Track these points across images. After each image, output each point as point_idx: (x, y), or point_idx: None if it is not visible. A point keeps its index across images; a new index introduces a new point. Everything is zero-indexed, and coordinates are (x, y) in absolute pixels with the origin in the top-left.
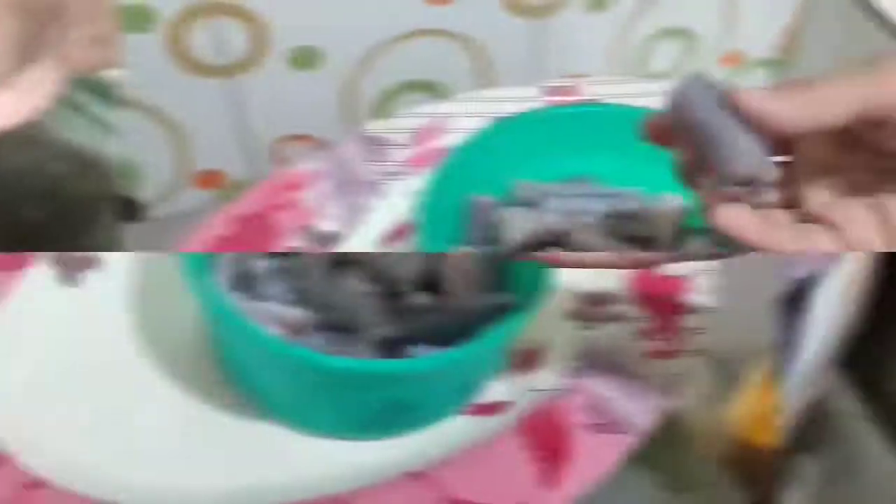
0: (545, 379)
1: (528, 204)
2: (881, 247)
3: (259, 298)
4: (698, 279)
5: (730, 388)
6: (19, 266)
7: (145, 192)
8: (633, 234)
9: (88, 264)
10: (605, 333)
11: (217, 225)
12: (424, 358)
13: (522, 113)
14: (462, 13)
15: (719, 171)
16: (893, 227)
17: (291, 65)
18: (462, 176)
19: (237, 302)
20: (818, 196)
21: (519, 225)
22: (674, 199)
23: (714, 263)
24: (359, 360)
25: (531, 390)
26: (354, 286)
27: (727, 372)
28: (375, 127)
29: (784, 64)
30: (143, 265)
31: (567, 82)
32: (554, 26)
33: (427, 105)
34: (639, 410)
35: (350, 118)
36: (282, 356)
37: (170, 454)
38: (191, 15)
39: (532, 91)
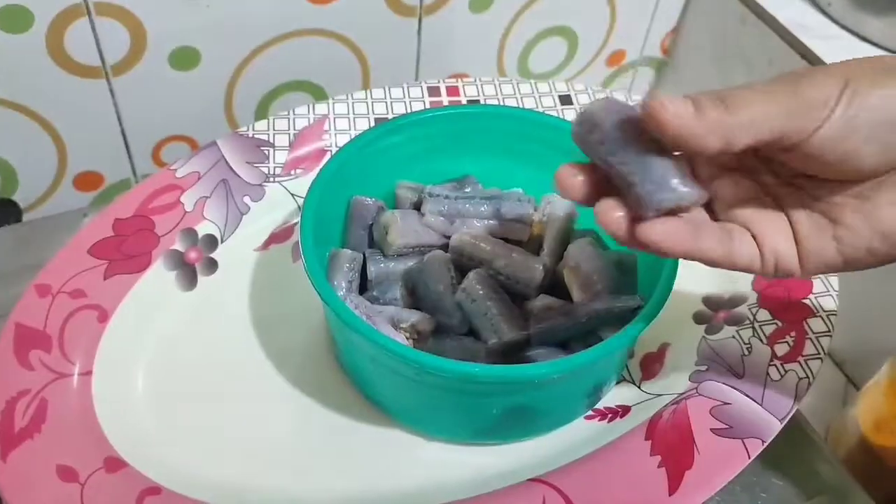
0: (669, 383)
1: (411, 205)
2: (793, 263)
3: (378, 301)
4: (825, 281)
5: (854, 390)
6: (138, 269)
7: (22, 193)
8: (516, 237)
9: (207, 267)
10: (730, 336)
11: (94, 228)
12: (549, 364)
13: (405, 115)
14: (345, 13)
15: (637, 206)
16: (799, 238)
17: (171, 65)
18: (344, 177)
19: (356, 304)
20: (725, 196)
21: (401, 227)
22: (560, 201)
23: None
24: (482, 367)
25: (655, 395)
26: (475, 290)
27: (851, 374)
28: (256, 128)
29: (667, 64)
30: (261, 265)
31: (450, 83)
32: (436, 26)
33: (309, 106)
34: (765, 415)
35: (230, 119)
36: (404, 361)
37: (289, 459)
38: (69, 15)
39: (415, 91)
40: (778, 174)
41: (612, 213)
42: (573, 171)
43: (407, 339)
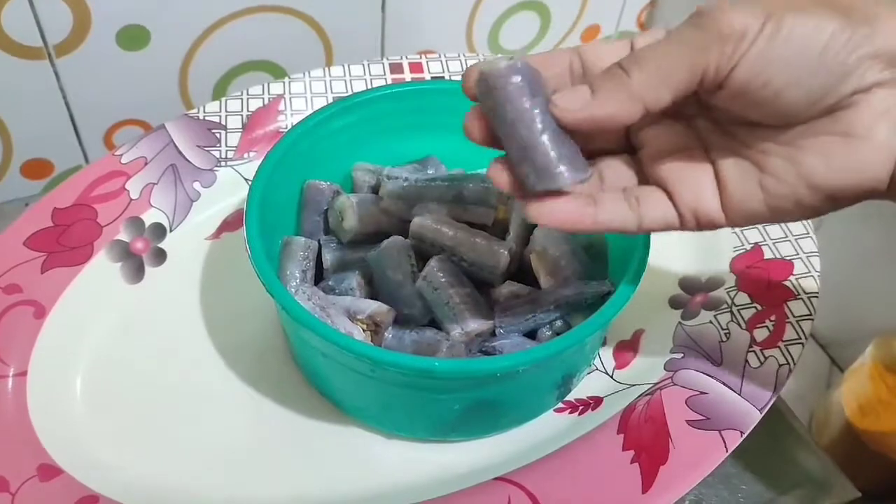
0: (643, 372)
1: (369, 189)
2: (716, 214)
3: (333, 291)
4: (806, 262)
5: (839, 372)
6: (79, 261)
7: None
8: (480, 220)
9: (155, 257)
10: (707, 322)
11: (31, 218)
12: (514, 356)
13: (361, 91)
14: None
15: (523, 181)
16: (723, 186)
17: (119, 45)
18: (295, 160)
19: (309, 295)
20: (654, 144)
21: (357, 212)
22: None
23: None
24: (440, 361)
25: (629, 384)
26: (436, 278)
27: (836, 356)
28: (207, 109)
29: None
30: (213, 255)
31: (412, 59)
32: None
33: (263, 85)
34: (743, 405)
35: (186, 101)
36: (356, 357)
37: (242, 462)
38: None
39: (376, 69)
40: (714, 120)
41: (502, 177)
42: (475, 116)
43: (364, 331)
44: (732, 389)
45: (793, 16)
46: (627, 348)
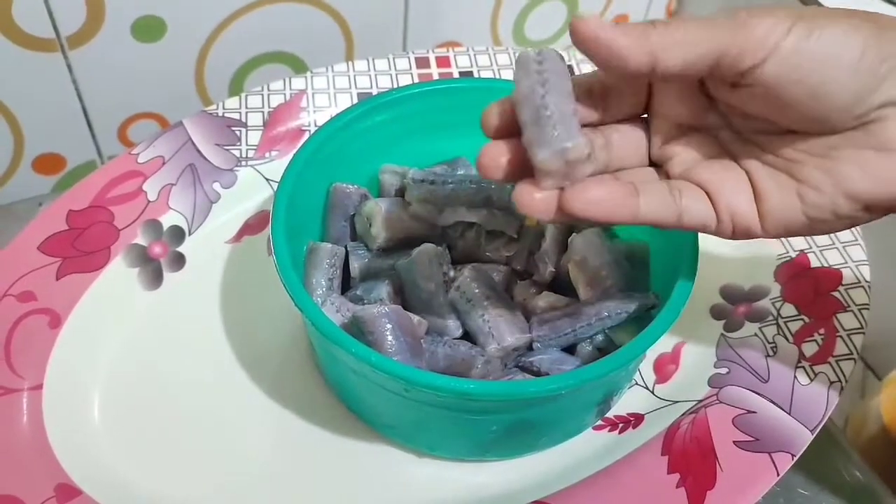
0: (686, 388)
1: (396, 192)
2: (753, 222)
3: (362, 301)
4: (855, 271)
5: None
6: (95, 267)
7: None
8: (505, 227)
9: (173, 262)
10: (752, 334)
11: (45, 221)
12: (556, 378)
13: (390, 90)
14: None
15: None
16: (760, 195)
17: (134, 36)
18: (322, 162)
19: (338, 307)
20: (683, 156)
21: (386, 218)
22: None
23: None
24: (479, 383)
25: (671, 401)
26: (470, 288)
27: (872, 363)
28: (226, 106)
29: None
30: (234, 259)
31: (439, 53)
32: None
33: (285, 80)
34: (793, 425)
35: (202, 94)
36: (391, 376)
37: (266, 480)
38: None
39: (401, 63)
40: (738, 130)
41: (532, 196)
42: (498, 152)
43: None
44: (782, 408)
45: (824, 19)
46: (668, 361)
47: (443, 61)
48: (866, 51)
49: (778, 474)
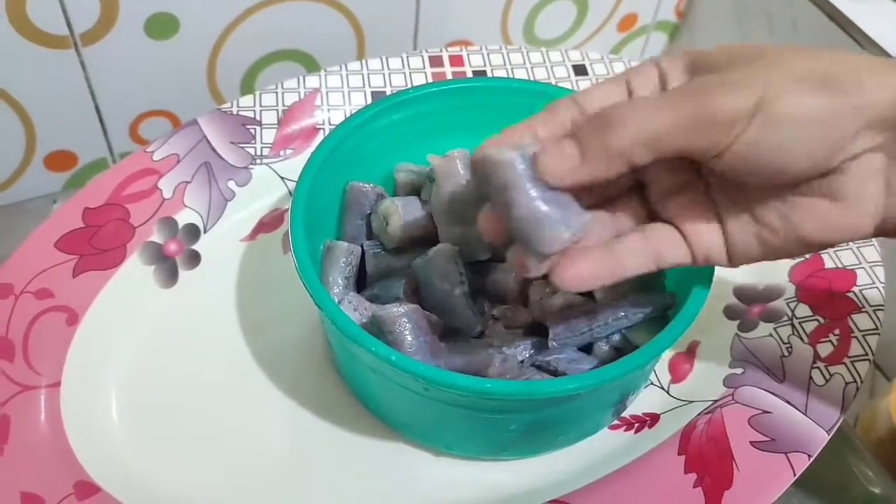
0: (701, 387)
1: (412, 190)
2: (721, 257)
3: (378, 300)
4: (870, 272)
5: (883, 379)
6: (111, 265)
7: None
8: None
9: (189, 260)
10: (767, 335)
11: (61, 218)
12: (576, 378)
13: (406, 89)
14: None
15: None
16: (727, 234)
17: (147, 34)
18: (339, 161)
19: (356, 305)
20: (666, 182)
21: (402, 217)
22: None
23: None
24: (499, 383)
25: (686, 401)
26: (490, 284)
27: (881, 363)
28: (241, 104)
29: (681, 27)
30: (249, 257)
31: (453, 51)
32: None
33: (299, 78)
34: (809, 425)
35: (214, 91)
36: (411, 376)
37: (284, 477)
38: None
39: (415, 62)
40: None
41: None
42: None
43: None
44: (797, 409)
45: (784, 101)
46: (683, 361)
47: (456, 60)
48: (827, 124)
49: (795, 475)
